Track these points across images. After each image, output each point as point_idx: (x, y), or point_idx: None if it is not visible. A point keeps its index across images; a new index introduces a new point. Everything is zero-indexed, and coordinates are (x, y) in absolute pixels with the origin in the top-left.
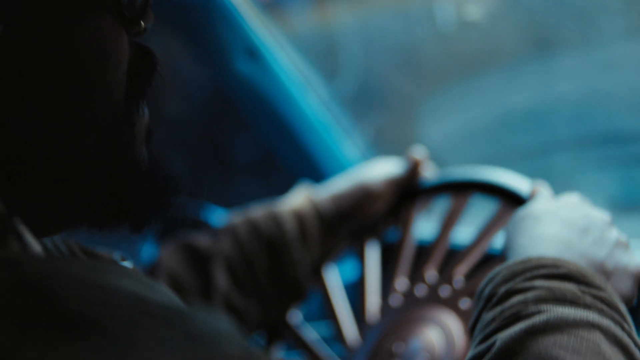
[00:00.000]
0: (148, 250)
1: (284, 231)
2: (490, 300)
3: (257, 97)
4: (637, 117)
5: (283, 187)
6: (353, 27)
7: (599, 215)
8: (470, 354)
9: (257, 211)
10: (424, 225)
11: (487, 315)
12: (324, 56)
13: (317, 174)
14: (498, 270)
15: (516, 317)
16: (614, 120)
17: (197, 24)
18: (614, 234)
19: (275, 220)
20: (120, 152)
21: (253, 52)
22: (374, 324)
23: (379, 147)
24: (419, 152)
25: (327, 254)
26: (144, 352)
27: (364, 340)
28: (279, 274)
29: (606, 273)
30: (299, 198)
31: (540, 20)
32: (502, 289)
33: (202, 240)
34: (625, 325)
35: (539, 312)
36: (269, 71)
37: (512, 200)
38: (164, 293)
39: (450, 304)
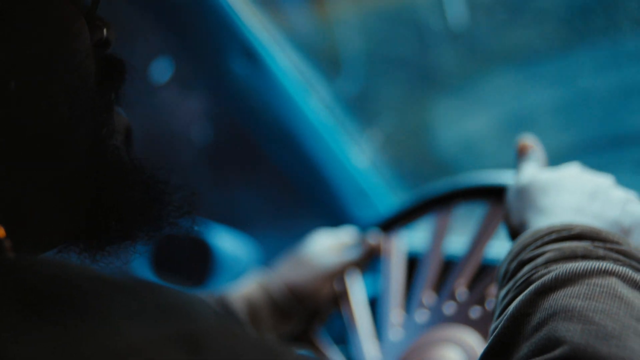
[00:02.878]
0: (143, 272)
1: (231, 313)
2: (505, 278)
3: (256, 101)
4: None
5: (287, 198)
6: (355, 23)
7: (602, 178)
8: (490, 330)
9: (205, 297)
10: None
11: (502, 291)
12: (325, 55)
13: (322, 183)
14: (511, 248)
15: (527, 284)
16: None
17: (190, 25)
18: (621, 191)
19: (223, 304)
20: (97, 152)
21: (250, 53)
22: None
23: (388, 153)
24: (374, 238)
25: (280, 337)
26: (112, 324)
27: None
28: None
29: (625, 231)
30: (250, 284)
31: (561, 11)
32: (514, 263)
33: None
34: None
35: (548, 272)
36: (267, 73)
37: (500, 196)
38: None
39: (459, 318)
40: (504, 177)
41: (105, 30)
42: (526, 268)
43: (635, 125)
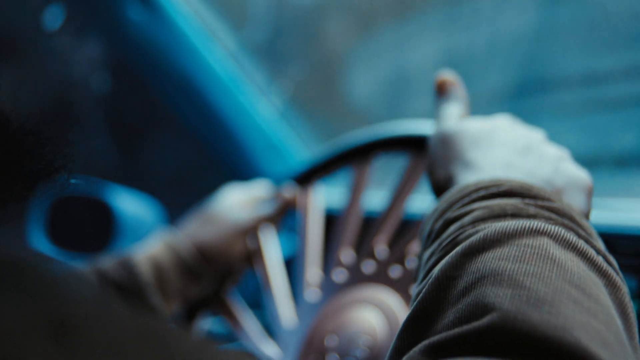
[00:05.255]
0: (39, 240)
1: (135, 274)
2: (429, 238)
3: (155, 52)
4: (597, 54)
5: (192, 154)
6: None
7: (534, 132)
8: (413, 295)
9: (107, 260)
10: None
11: (426, 253)
12: (231, 2)
13: (229, 137)
14: (436, 206)
15: (453, 245)
16: (571, 60)
17: None
18: (553, 148)
19: (125, 265)
20: None
21: None
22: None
23: (299, 104)
24: (289, 191)
25: (190, 300)
26: None
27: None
28: None
29: (556, 191)
30: (156, 244)
31: None
32: (439, 222)
33: None
34: (582, 232)
35: (476, 232)
36: (166, 20)
37: (424, 147)
38: None
39: (378, 278)
40: (426, 126)
41: None
42: (452, 227)
43: (556, 70)
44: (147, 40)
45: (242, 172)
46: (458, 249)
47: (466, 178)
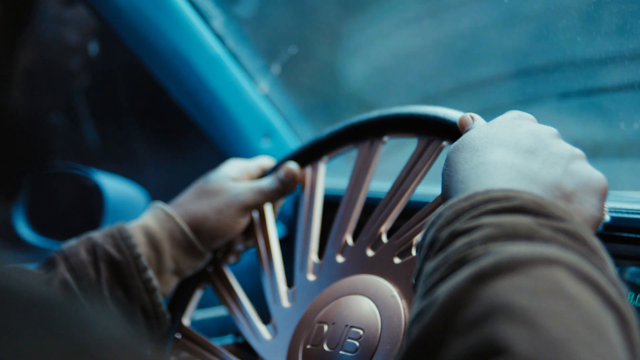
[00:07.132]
0: (24, 229)
1: (129, 245)
2: (433, 247)
3: (143, 28)
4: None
5: (183, 135)
6: None
7: (544, 129)
8: (413, 311)
9: (97, 232)
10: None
11: (430, 265)
12: None
13: (216, 119)
14: (441, 211)
15: (461, 263)
16: (557, 49)
17: None
18: (565, 146)
19: (119, 234)
20: None
21: None
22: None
23: (289, 84)
24: (292, 167)
25: (186, 276)
26: None
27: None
28: (127, 300)
29: (566, 195)
30: (148, 215)
31: None
32: (445, 232)
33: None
34: (594, 259)
35: (487, 253)
36: None
37: (436, 133)
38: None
39: (378, 266)
40: (439, 110)
41: None
42: (460, 242)
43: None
44: (136, 13)
45: (234, 154)
46: (467, 273)
47: (473, 184)
